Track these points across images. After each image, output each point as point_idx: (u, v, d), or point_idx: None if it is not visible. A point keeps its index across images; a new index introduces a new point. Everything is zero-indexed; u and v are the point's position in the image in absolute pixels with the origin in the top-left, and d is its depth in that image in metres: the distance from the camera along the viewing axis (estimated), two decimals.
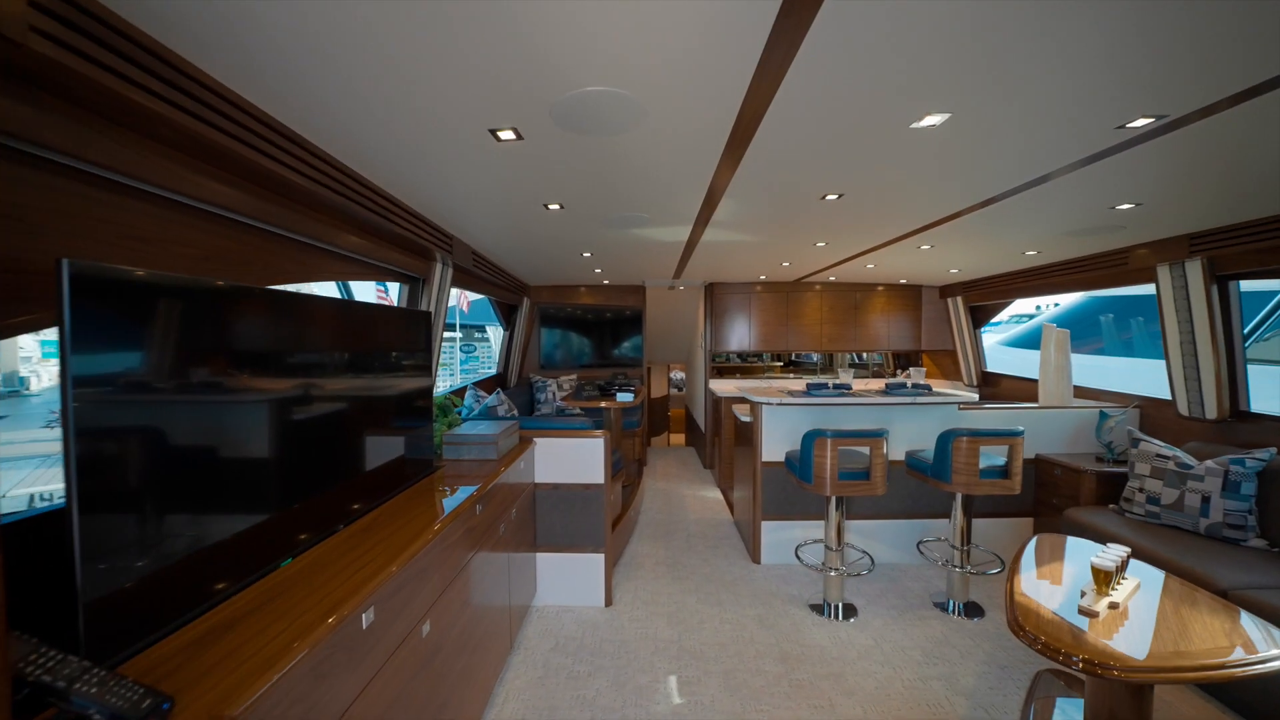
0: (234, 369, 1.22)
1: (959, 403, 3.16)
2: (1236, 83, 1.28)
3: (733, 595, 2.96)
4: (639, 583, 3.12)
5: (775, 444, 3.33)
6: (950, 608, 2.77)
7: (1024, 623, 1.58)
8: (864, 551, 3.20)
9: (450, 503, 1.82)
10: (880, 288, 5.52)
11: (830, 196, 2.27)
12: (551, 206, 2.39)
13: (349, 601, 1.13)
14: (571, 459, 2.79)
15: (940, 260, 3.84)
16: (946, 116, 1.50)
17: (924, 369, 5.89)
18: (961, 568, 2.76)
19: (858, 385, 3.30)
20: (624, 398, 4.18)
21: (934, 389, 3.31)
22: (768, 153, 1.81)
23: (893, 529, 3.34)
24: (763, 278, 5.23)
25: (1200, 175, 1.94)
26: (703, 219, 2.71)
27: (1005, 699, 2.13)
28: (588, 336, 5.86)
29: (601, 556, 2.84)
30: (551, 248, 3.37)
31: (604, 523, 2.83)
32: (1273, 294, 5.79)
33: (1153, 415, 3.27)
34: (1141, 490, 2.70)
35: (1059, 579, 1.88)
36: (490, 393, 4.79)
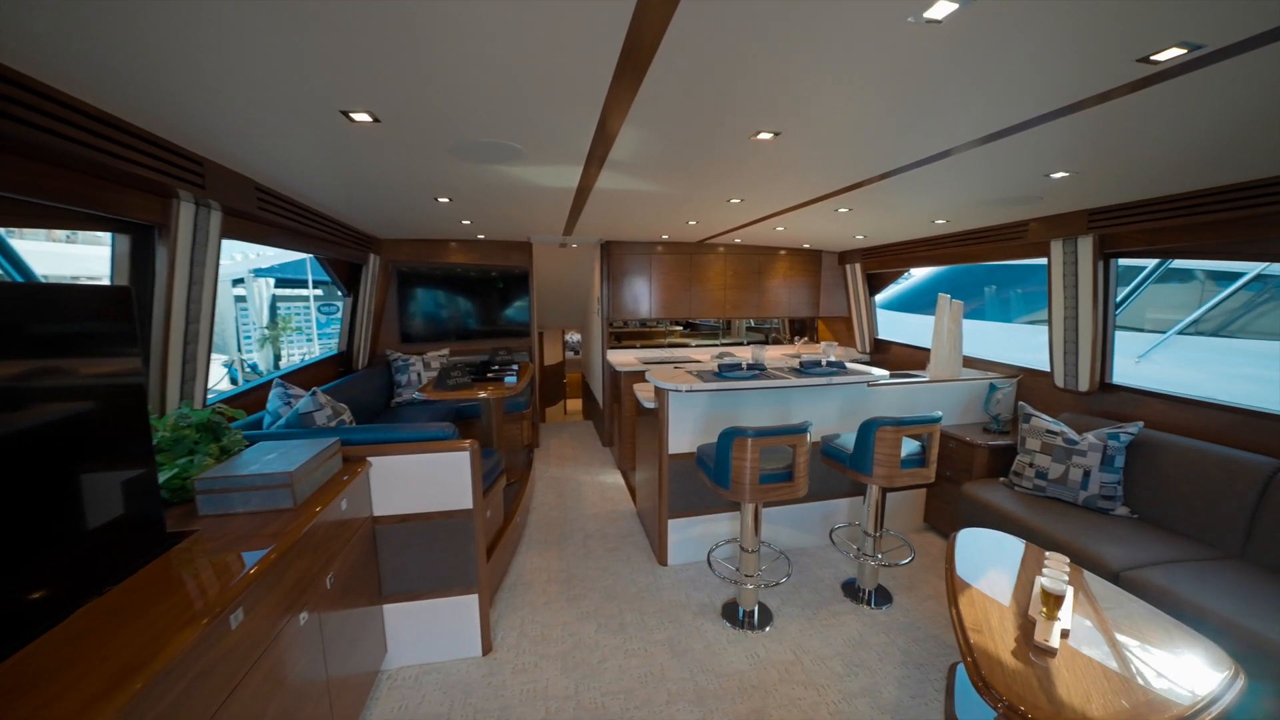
0: None
1: (868, 381, 2.98)
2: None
3: (638, 614, 2.55)
4: (527, 612, 2.57)
5: (684, 434, 2.90)
6: (861, 596, 2.65)
7: (990, 679, 1.32)
8: (780, 552, 2.98)
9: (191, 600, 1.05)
10: (783, 252, 5.31)
11: (763, 135, 1.73)
12: (357, 116, 1.53)
13: None
14: (425, 481, 2.07)
15: (851, 225, 3.60)
16: (955, 7, 1.00)
17: (835, 342, 5.93)
18: (874, 557, 2.62)
19: (756, 354, 2.95)
20: (507, 381, 3.45)
21: (847, 365, 3.10)
22: (685, 61, 1.19)
23: (800, 513, 3.17)
24: (665, 237, 4.70)
25: (1134, 147, 1.74)
26: (596, 157, 2.03)
27: (927, 708, 2.00)
28: (464, 301, 4.90)
29: (475, 597, 2.22)
30: (386, 186, 2.44)
31: (476, 555, 2.19)
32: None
33: (1029, 386, 3.43)
34: (1031, 465, 2.75)
35: (1000, 595, 1.70)
36: (337, 376, 3.74)
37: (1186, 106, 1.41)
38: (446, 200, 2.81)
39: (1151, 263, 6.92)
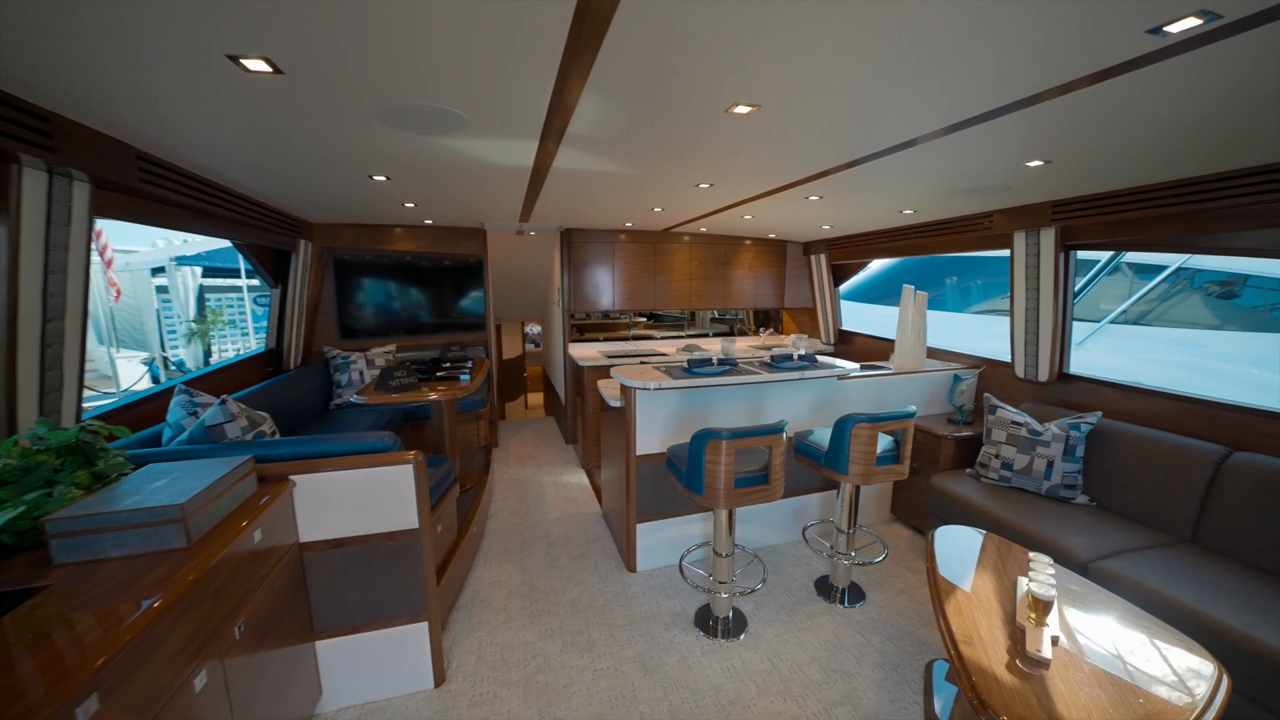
0: None
1: (838, 374, 2.92)
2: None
3: (607, 629, 2.38)
4: (485, 633, 2.35)
5: (652, 434, 2.74)
6: (834, 594, 2.59)
7: (988, 699, 1.23)
8: (754, 555, 2.88)
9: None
10: (748, 242, 5.21)
11: (741, 109, 1.56)
12: (252, 65, 1.25)
13: None
14: (362, 499, 1.82)
15: (821, 214, 3.52)
16: None
17: (805, 334, 5.91)
18: (848, 555, 2.56)
19: (726, 348, 2.83)
20: (462, 379, 3.17)
21: (818, 358, 3.03)
22: (655, 14, 1.00)
23: (771, 509, 3.08)
24: (629, 225, 4.49)
25: (1110, 134, 1.69)
26: (554, 130, 1.80)
27: (907, 712, 1.94)
28: (413, 292, 4.53)
29: (424, 624, 1.99)
30: (308, 160, 2.12)
31: (424, 579, 1.95)
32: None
33: (990, 377, 3.47)
34: (997, 456, 2.76)
35: (985, 599, 1.64)
36: (264, 378, 3.33)
37: (1165, 92, 1.35)
38: (383, 179, 2.49)
39: (1103, 257, 7.37)
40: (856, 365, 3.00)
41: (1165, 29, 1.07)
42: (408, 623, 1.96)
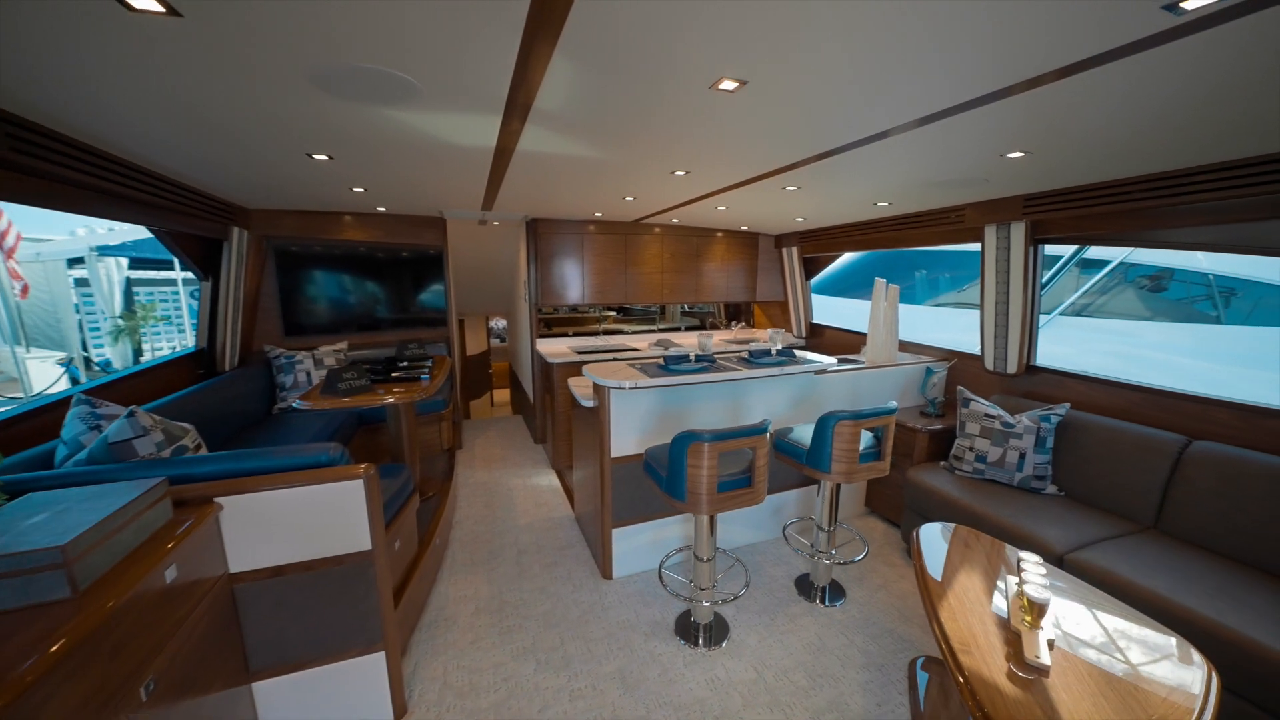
0: None
1: (818, 369, 2.86)
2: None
3: (583, 644, 2.24)
4: (450, 656, 2.17)
5: (628, 435, 2.61)
6: (814, 593, 2.54)
7: (993, 713, 1.17)
8: (735, 559, 2.80)
9: None
10: (720, 234, 5.12)
11: (727, 84, 1.42)
12: (138, 1, 1.02)
13: None
14: (305, 520, 1.60)
15: (796, 206, 3.45)
16: None
17: (781, 329, 5.88)
18: (829, 554, 2.52)
19: (704, 344, 2.72)
20: (423, 379, 2.93)
21: (796, 353, 2.96)
22: None
23: (750, 508, 3.01)
24: (599, 215, 4.31)
25: (1089, 124, 1.67)
26: (519, 105, 1.62)
27: (894, 713, 1.90)
28: (367, 286, 4.20)
29: (380, 654, 1.79)
30: (231, 132, 1.84)
31: (380, 604, 1.75)
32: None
33: (959, 369, 3.51)
34: (971, 449, 2.77)
35: (976, 601, 1.59)
36: (195, 381, 2.96)
37: (1167, 75, 1.30)
38: (325, 158, 2.23)
39: (1067, 251, 7.75)
40: (834, 359, 2.95)
41: (1182, 4, 1.01)
42: (362, 654, 1.76)
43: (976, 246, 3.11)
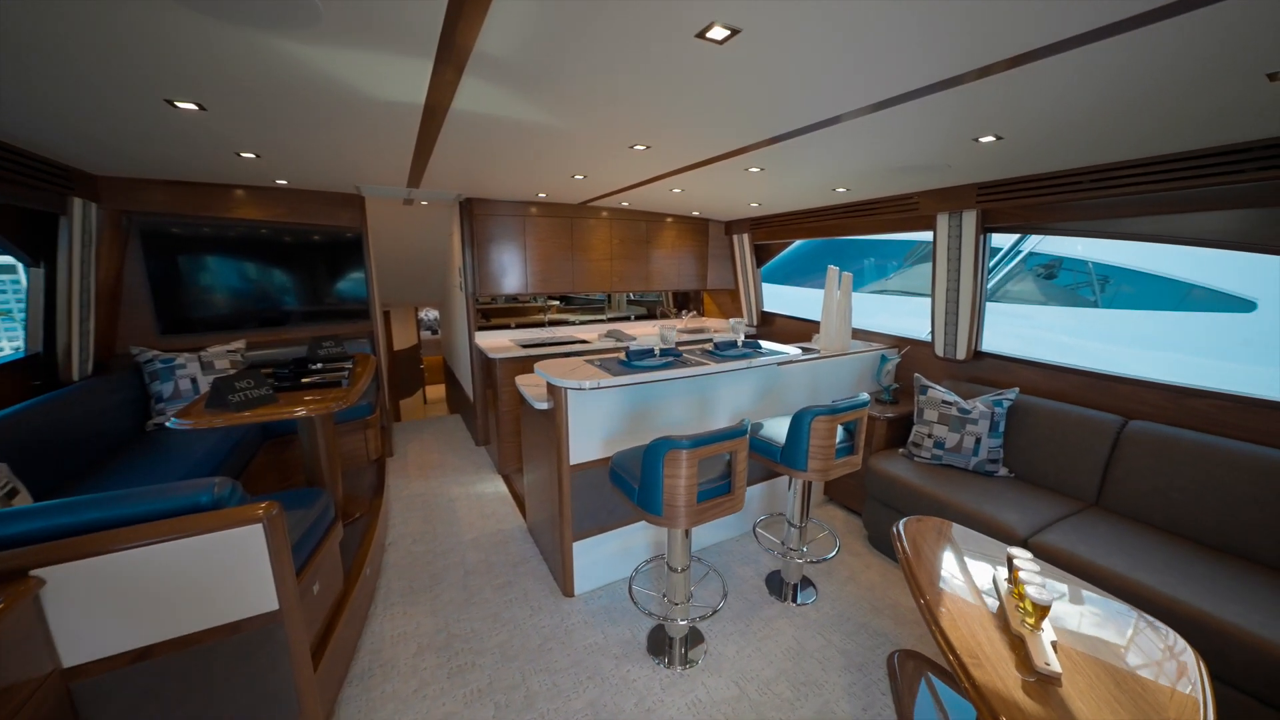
0: None
1: (784, 360, 2.76)
2: None
3: (548, 677, 2.00)
4: (391, 711, 1.84)
5: (588, 438, 2.36)
6: (786, 592, 2.46)
7: None
8: (709, 568, 2.65)
9: None
10: (670, 219, 4.93)
11: (716, 32, 1.19)
12: None
13: None
14: (180, 583, 1.22)
15: (754, 189, 3.31)
16: None
17: (741, 319, 5.78)
18: (801, 551, 2.43)
19: (666, 335, 2.53)
20: (342, 384, 2.48)
21: (761, 344, 2.84)
22: None
23: None
24: (542, 196, 3.95)
25: (1061, 110, 1.63)
26: (454, 47, 1.30)
27: (880, 715, 1.84)
28: (270, 273, 3.58)
29: None
30: (34, 54, 1.36)
31: (294, 671, 1.41)
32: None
33: (911, 356, 3.58)
34: (930, 435, 2.80)
35: (969, 601, 1.53)
36: (27, 396, 2.28)
37: (1150, 57, 1.24)
38: (193, 107, 1.74)
39: (1009, 241, 8.37)
40: (795, 349, 2.86)
41: None
42: None
43: (910, 236, 3.13)
